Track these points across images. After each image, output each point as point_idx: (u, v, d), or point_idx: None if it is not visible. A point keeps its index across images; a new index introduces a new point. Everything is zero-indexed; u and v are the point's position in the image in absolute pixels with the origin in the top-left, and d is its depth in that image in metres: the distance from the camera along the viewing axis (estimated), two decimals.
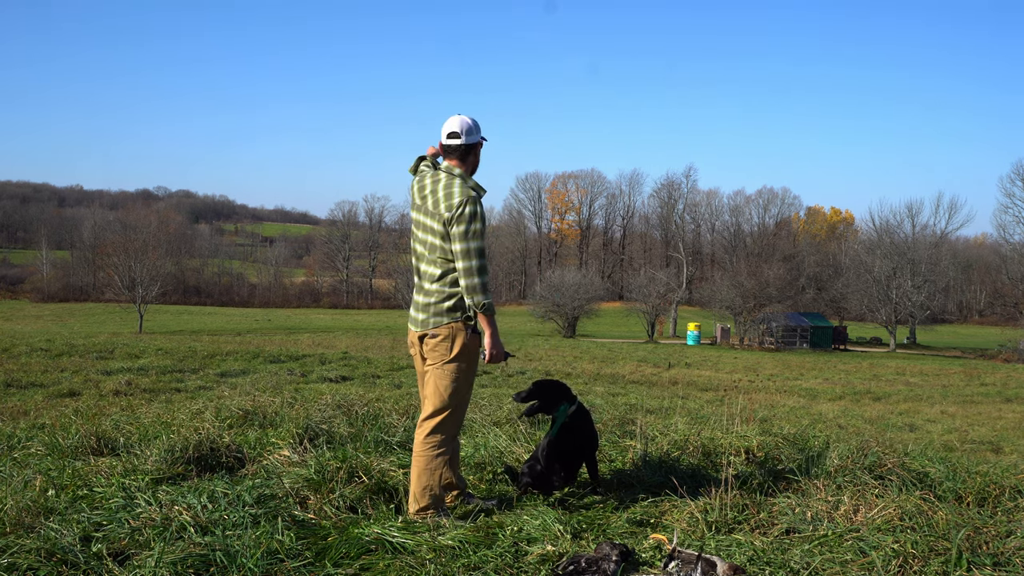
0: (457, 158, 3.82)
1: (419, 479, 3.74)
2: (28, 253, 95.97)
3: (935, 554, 3.09)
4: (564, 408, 4.16)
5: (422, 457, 3.75)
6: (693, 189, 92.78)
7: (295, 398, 7.53)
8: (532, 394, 4.17)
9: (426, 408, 3.83)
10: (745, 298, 53.04)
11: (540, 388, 4.19)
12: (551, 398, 4.18)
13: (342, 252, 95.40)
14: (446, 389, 3.74)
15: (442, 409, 3.76)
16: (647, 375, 28.02)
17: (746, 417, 6.12)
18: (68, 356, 21.46)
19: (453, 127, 3.81)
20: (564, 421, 4.15)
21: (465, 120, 3.82)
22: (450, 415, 3.78)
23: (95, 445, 5.08)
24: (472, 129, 3.82)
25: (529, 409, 4.19)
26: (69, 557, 3.07)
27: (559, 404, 4.17)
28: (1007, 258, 60.33)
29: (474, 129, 3.83)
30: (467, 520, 3.65)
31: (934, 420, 19.56)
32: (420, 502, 3.74)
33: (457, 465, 4.04)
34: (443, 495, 3.82)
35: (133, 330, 45.77)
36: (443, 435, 3.77)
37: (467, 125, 3.81)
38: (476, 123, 3.85)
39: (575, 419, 4.19)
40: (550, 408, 4.17)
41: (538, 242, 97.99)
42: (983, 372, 35.71)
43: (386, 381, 18.65)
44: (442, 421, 3.77)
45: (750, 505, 3.70)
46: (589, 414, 4.30)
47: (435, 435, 3.77)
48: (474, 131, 3.83)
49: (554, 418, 4.20)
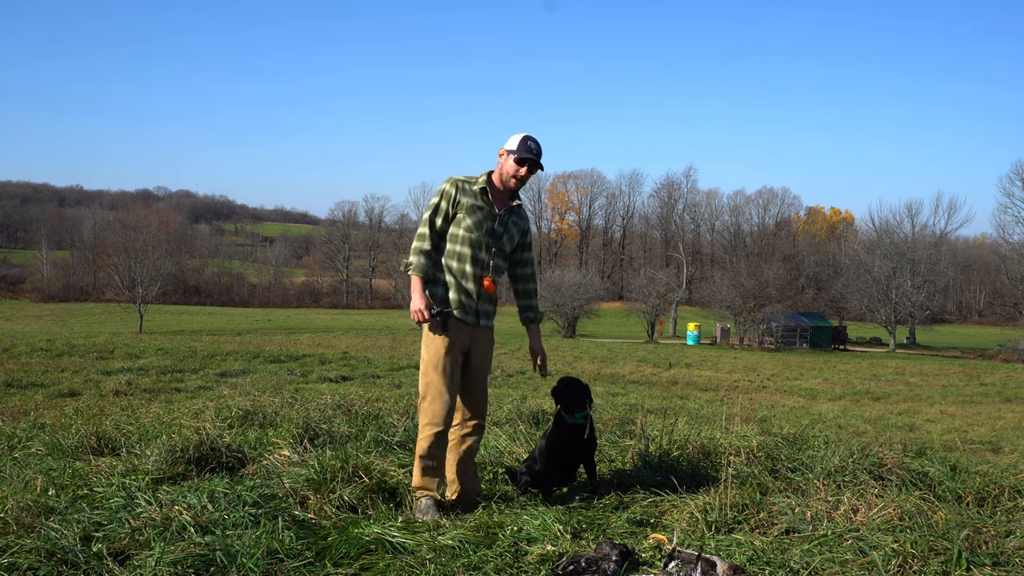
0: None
1: (415, 462, 3.98)
2: (28, 253, 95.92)
3: (935, 554, 3.09)
4: (584, 412, 4.20)
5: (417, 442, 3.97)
6: (693, 189, 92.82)
7: (295, 398, 7.52)
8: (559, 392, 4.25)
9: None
10: (745, 298, 53.08)
11: (572, 385, 4.25)
12: (578, 397, 4.23)
13: (342, 252, 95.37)
14: (420, 376, 3.96)
15: (421, 396, 3.96)
16: (647, 375, 28.03)
17: (746, 417, 6.12)
18: (68, 356, 21.47)
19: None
20: (569, 421, 4.18)
21: (518, 136, 4.05)
22: (425, 402, 3.93)
23: (95, 445, 5.08)
24: (513, 140, 4.05)
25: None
26: (69, 557, 3.06)
27: (584, 405, 4.21)
28: (1006, 258, 60.29)
29: (512, 141, 4.04)
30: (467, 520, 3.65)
31: (934, 420, 19.57)
32: (412, 482, 3.98)
33: (465, 465, 4.05)
34: (429, 483, 3.91)
35: (133, 330, 45.77)
36: (424, 421, 3.93)
37: (512, 137, 4.07)
38: (521, 138, 4.03)
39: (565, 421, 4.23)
40: (575, 407, 4.20)
41: (538, 242, 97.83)
42: (983, 372, 35.72)
43: (386, 381, 18.66)
44: (421, 409, 3.96)
45: (750, 505, 3.70)
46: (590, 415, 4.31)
47: (421, 421, 3.95)
48: (511, 142, 4.05)
49: (560, 417, 4.22)
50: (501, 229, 4.02)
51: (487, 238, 3.97)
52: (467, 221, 3.94)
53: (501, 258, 4.06)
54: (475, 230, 3.94)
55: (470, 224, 3.94)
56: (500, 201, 4.05)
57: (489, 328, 4.11)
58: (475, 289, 3.96)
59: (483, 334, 4.07)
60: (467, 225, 3.94)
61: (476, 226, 3.94)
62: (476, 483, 4.12)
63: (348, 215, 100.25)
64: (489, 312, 4.07)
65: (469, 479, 4.08)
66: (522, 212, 4.17)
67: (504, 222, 4.04)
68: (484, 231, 3.96)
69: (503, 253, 4.07)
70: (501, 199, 4.06)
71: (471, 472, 4.09)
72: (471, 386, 4.06)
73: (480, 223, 3.95)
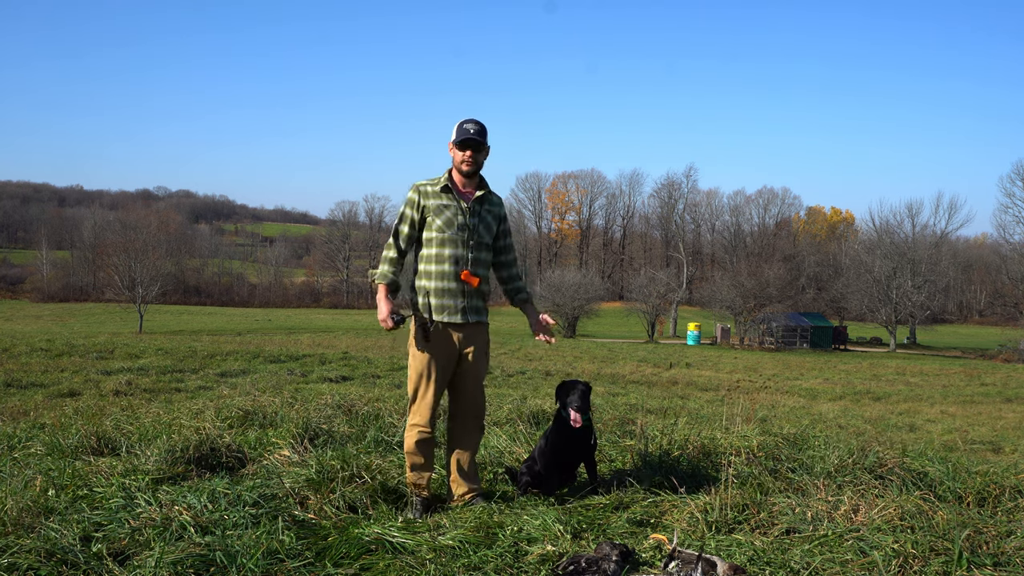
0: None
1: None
2: (28, 253, 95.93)
3: (935, 554, 3.09)
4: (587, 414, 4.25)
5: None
6: (693, 189, 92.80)
7: (295, 398, 7.52)
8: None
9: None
10: (745, 298, 53.07)
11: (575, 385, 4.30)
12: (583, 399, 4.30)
13: (342, 252, 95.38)
14: (407, 378, 4.05)
15: (409, 397, 4.07)
16: (647, 375, 28.02)
17: (746, 417, 6.12)
18: (68, 356, 21.46)
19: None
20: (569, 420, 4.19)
21: (457, 124, 4.04)
22: (412, 404, 4.02)
23: (95, 445, 5.08)
24: (453, 130, 4.03)
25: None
26: (69, 557, 3.06)
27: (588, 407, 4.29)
28: (1007, 258, 60.32)
29: (453, 130, 4.03)
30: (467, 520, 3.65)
31: (934, 420, 19.56)
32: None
33: (466, 466, 4.07)
34: (418, 479, 3.99)
35: (133, 330, 45.77)
36: (410, 421, 4.03)
37: (454, 127, 4.04)
38: (458, 124, 4.02)
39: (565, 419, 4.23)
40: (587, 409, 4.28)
41: (538, 242, 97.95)
42: (983, 372, 35.71)
43: (386, 381, 18.63)
44: (409, 409, 4.06)
45: (750, 505, 3.69)
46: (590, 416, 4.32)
47: (408, 421, 4.05)
48: (453, 132, 4.03)
49: (559, 417, 4.23)
50: (475, 220, 4.00)
51: (460, 233, 3.96)
52: (437, 222, 3.95)
53: (483, 249, 4.04)
54: (447, 228, 3.94)
55: (440, 224, 3.94)
56: (467, 194, 4.03)
57: (482, 324, 4.08)
58: (457, 287, 3.96)
59: (475, 331, 4.05)
60: (438, 226, 3.95)
61: (447, 224, 3.94)
62: (477, 483, 4.12)
63: (348, 215, 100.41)
64: (479, 308, 4.04)
65: (470, 479, 4.08)
66: (494, 199, 4.13)
67: (476, 212, 4.02)
68: (456, 227, 3.95)
69: (483, 244, 4.04)
70: (467, 191, 4.04)
71: (472, 472, 4.09)
72: (467, 386, 4.06)
73: (450, 221, 3.94)
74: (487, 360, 4.16)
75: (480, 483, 4.18)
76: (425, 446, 3.99)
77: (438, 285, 3.95)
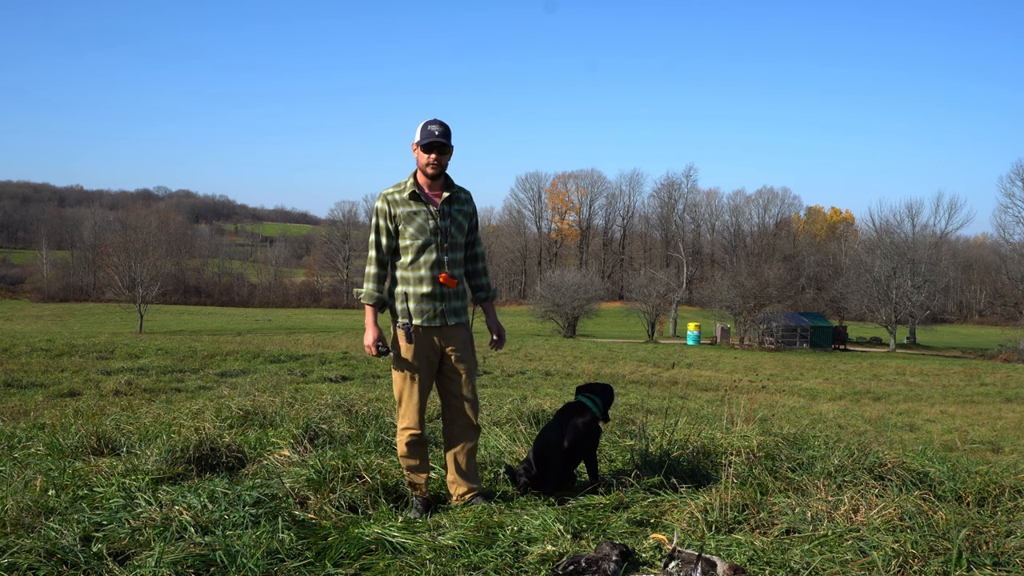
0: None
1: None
2: (28, 253, 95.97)
3: (935, 554, 3.09)
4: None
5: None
6: (693, 189, 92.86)
7: (295, 398, 7.52)
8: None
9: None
10: (745, 298, 53.03)
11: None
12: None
13: (342, 252, 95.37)
14: (392, 383, 4.09)
15: (396, 402, 4.11)
16: (647, 375, 28.01)
17: (746, 417, 6.11)
18: (68, 356, 21.44)
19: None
20: (574, 421, 4.28)
21: (420, 125, 4.00)
22: (400, 408, 4.06)
23: (95, 445, 5.08)
24: (417, 131, 4.00)
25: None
26: (69, 557, 3.06)
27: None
28: (1007, 258, 60.29)
29: (417, 132, 3.99)
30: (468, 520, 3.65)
31: (934, 420, 19.55)
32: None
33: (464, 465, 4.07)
34: (416, 479, 4.03)
35: (133, 330, 45.76)
36: (399, 426, 4.06)
37: (418, 128, 4.01)
38: (422, 125, 3.97)
39: (578, 417, 4.28)
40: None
41: (538, 242, 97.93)
42: (983, 372, 35.70)
43: (386, 381, 18.62)
44: (397, 414, 4.10)
45: (750, 505, 3.69)
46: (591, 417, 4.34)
47: (398, 426, 4.08)
48: (416, 133, 3.99)
49: (561, 416, 4.30)
50: (446, 223, 3.99)
51: (433, 237, 3.95)
52: (409, 229, 3.94)
53: (456, 250, 4.04)
54: (419, 235, 3.94)
55: (412, 231, 3.94)
56: (435, 196, 4.01)
57: (463, 325, 4.08)
58: (434, 291, 3.96)
59: (456, 332, 4.04)
60: (410, 233, 3.95)
61: (419, 231, 3.94)
62: (476, 483, 4.12)
63: (348, 215, 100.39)
64: (458, 309, 4.05)
65: (469, 479, 4.08)
66: (462, 196, 4.09)
67: (446, 214, 4.00)
68: (429, 232, 3.94)
69: (456, 244, 4.04)
70: (435, 194, 4.01)
71: (471, 472, 4.09)
72: (456, 385, 4.06)
73: (422, 227, 3.94)
74: (474, 357, 4.13)
75: (480, 483, 4.18)
76: (418, 448, 4.00)
77: (416, 290, 3.96)
